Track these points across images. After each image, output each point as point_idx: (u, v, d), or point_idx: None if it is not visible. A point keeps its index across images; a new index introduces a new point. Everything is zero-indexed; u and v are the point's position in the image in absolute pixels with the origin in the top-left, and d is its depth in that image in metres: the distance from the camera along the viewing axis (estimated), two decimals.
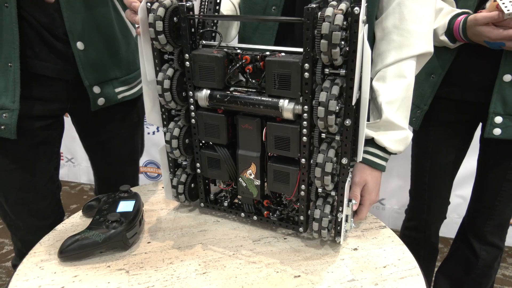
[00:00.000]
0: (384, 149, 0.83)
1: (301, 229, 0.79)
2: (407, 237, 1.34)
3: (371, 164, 0.83)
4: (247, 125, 0.75)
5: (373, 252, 0.77)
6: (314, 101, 0.65)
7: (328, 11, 0.59)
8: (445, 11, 1.01)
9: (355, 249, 0.78)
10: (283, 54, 0.70)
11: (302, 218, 0.77)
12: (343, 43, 0.60)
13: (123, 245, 0.75)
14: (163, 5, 0.69)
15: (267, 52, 0.72)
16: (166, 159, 0.86)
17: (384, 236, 0.82)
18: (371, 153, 0.83)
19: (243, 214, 0.84)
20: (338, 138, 0.68)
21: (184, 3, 0.71)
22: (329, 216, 0.72)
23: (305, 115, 0.68)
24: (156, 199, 0.96)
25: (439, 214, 1.28)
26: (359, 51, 0.61)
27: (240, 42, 0.95)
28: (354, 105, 0.65)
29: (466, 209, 1.23)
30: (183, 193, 0.85)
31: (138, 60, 1.09)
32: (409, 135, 0.83)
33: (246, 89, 0.74)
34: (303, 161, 0.72)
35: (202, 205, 0.88)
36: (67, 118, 1.09)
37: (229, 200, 0.87)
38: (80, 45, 0.94)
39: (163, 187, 1.01)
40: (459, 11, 0.99)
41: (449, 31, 0.98)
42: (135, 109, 1.15)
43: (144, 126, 2.45)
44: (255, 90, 0.74)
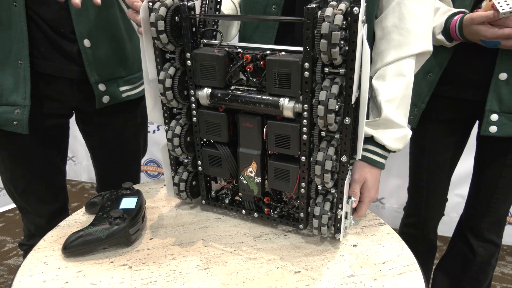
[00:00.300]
0: (383, 147, 0.84)
1: (301, 226, 0.80)
2: (406, 234, 1.35)
3: (370, 161, 0.84)
4: (248, 124, 0.76)
5: (372, 248, 0.78)
6: (314, 100, 0.65)
7: (328, 11, 0.60)
8: (442, 11, 1.02)
9: (355, 245, 0.79)
10: (283, 53, 0.70)
11: (302, 215, 0.78)
12: (342, 42, 0.61)
13: (126, 241, 0.76)
14: (165, 5, 0.70)
15: (268, 51, 0.72)
16: (168, 157, 0.87)
17: (383, 233, 0.84)
18: (371, 151, 0.84)
19: (244, 211, 0.85)
20: (337, 136, 0.69)
21: (185, 3, 0.71)
22: (329, 213, 0.73)
23: (305, 113, 0.69)
24: (158, 196, 0.97)
25: (437, 211, 1.29)
26: (358, 51, 0.62)
27: (241, 40, 0.96)
28: (353, 103, 0.66)
29: None
30: (184, 190, 0.86)
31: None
32: (408, 133, 0.84)
33: (246, 88, 0.75)
34: (303, 159, 0.73)
35: (204, 202, 0.89)
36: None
37: (230, 198, 0.88)
38: (87, 42, 0.96)
39: (164, 184, 1.02)
40: (455, 10, 1.00)
41: (446, 30, 0.99)
42: (139, 109, 1.16)
43: None
44: (255, 89, 0.75)
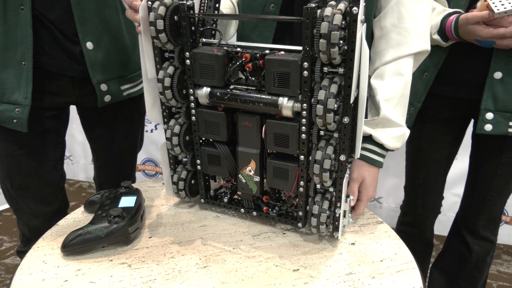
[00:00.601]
0: (381, 146, 0.84)
1: (300, 225, 0.80)
2: (403, 232, 1.36)
3: (368, 160, 0.84)
4: (247, 123, 0.76)
5: (370, 246, 0.79)
6: (313, 99, 0.66)
7: (327, 10, 0.60)
8: (437, 11, 1.03)
9: (353, 243, 0.80)
10: (282, 52, 0.71)
11: (301, 213, 0.79)
12: (341, 42, 0.61)
13: (125, 239, 0.76)
14: (164, 4, 0.70)
15: (267, 51, 0.73)
16: (167, 156, 0.87)
17: (381, 231, 0.84)
18: (369, 150, 0.85)
19: (242, 209, 0.85)
20: (336, 135, 0.70)
21: (184, 2, 0.72)
22: (328, 211, 0.73)
23: (304, 112, 0.69)
24: (157, 195, 0.97)
25: (433, 209, 1.30)
26: (357, 50, 0.63)
27: (239, 39, 0.96)
28: (352, 103, 0.67)
29: None
30: (183, 189, 0.86)
31: None
32: (406, 132, 0.85)
33: (245, 87, 0.76)
34: (302, 158, 0.73)
35: (202, 201, 0.90)
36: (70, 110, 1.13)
37: (229, 196, 0.88)
38: (89, 45, 0.98)
39: (163, 183, 1.02)
40: (450, 10, 1.01)
41: (442, 30, 1.00)
42: (138, 105, 1.19)
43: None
44: (254, 88, 0.75)
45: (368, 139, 0.85)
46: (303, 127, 0.70)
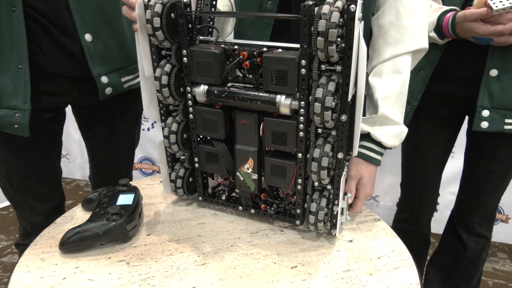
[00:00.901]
0: (379, 144, 0.84)
1: (298, 222, 0.80)
2: (399, 229, 1.36)
3: (366, 158, 0.84)
4: (245, 120, 0.76)
5: (367, 243, 0.79)
6: (310, 97, 0.66)
7: (325, 8, 0.60)
8: (433, 8, 1.03)
9: (350, 241, 0.80)
10: (280, 50, 0.71)
11: (298, 211, 0.79)
12: (339, 40, 0.61)
13: (123, 237, 0.76)
14: (161, 1, 0.69)
15: (264, 48, 0.73)
16: (165, 153, 0.87)
17: (378, 229, 0.84)
18: (367, 148, 0.85)
19: (240, 207, 0.86)
20: (334, 133, 0.70)
21: None
22: (325, 209, 0.74)
23: (302, 110, 0.69)
24: (154, 192, 0.97)
25: (430, 206, 1.31)
26: (355, 48, 0.63)
27: (236, 37, 0.96)
28: (350, 101, 0.67)
29: None
30: (181, 187, 0.86)
31: None
32: (404, 130, 0.85)
33: (243, 85, 0.76)
34: (299, 155, 0.73)
35: (200, 198, 0.90)
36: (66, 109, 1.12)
37: (226, 194, 0.88)
38: (88, 37, 0.96)
39: (161, 181, 1.02)
40: (447, 8, 1.01)
41: (438, 27, 1.00)
42: (134, 103, 1.18)
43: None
44: (252, 86, 0.75)
45: (366, 137, 0.85)
46: (301, 125, 0.70)
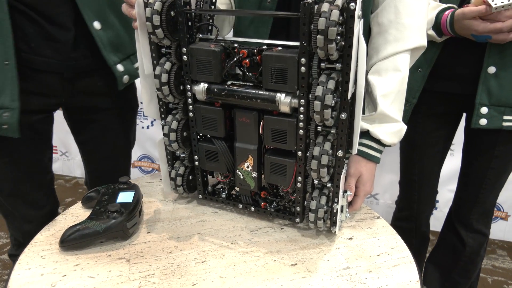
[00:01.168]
0: (379, 141, 0.85)
1: (298, 220, 0.80)
2: (398, 227, 1.37)
3: (366, 156, 0.85)
4: (244, 118, 0.76)
5: (367, 241, 0.79)
6: (310, 95, 0.66)
7: (324, 6, 0.60)
8: (431, 6, 1.03)
9: (350, 238, 0.80)
10: (279, 48, 0.71)
11: (298, 209, 0.79)
12: (339, 38, 0.61)
13: (124, 235, 0.76)
14: None
15: (264, 46, 0.73)
16: (164, 151, 0.87)
17: (378, 226, 0.85)
18: (366, 145, 0.85)
19: (240, 205, 0.86)
20: (333, 131, 0.70)
21: None
22: (325, 207, 0.74)
23: (302, 108, 0.69)
24: (154, 190, 0.97)
25: (429, 204, 1.32)
26: (354, 46, 0.63)
27: (235, 35, 0.96)
28: (349, 98, 0.67)
29: None
30: (181, 185, 0.87)
31: None
32: (403, 127, 0.85)
33: (243, 83, 0.76)
34: (299, 153, 0.73)
35: (200, 196, 0.90)
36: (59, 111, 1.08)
37: (226, 192, 0.89)
38: (97, 24, 0.93)
39: (161, 179, 1.02)
40: (445, 5, 1.01)
41: (437, 25, 1.00)
42: (129, 102, 1.15)
43: (138, 120, 2.44)
44: (252, 84, 0.75)
45: (365, 134, 0.85)
46: (301, 123, 0.71)
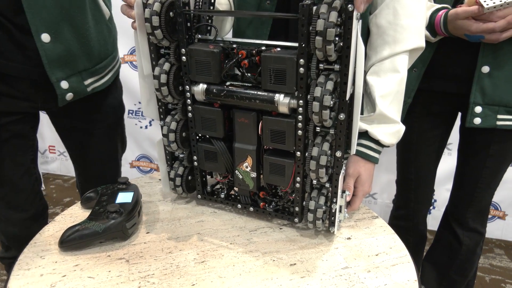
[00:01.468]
0: (377, 142, 0.85)
1: (297, 220, 0.81)
2: (396, 226, 1.38)
3: (364, 156, 0.85)
4: (243, 119, 0.77)
5: (365, 241, 0.80)
6: (309, 96, 0.66)
7: (323, 8, 0.60)
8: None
9: (349, 238, 0.81)
10: (278, 49, 0.71)
11: (297, 209, 0.80)
12: (337, 39, 0.62)
13: (123, 235, 0.76)
14: (159, 0, 0.70)
15: (263, 47, 0.73)
16: (163, 152, 0.87)
17: (376, 226, 0.85)
18: (365, 146, 0.85)
19: (239, 205, 0.86)
20: (332, 131, 0.70)
21: None
22: (324, 207, 0.74)
23: (300, 109, 0.70)
24: (153, 191, 0.98)
25: (425, 202, 1.33)
26: (353, 47, 0.63)
27: (235, 35, 0.96)
28: (348, 99, 0.67)
29: None
30: (180, 185, 0.87)
31: (110, 46, 1.02)
32: (402, 128, 0.86)
33: (242, 84, 0.76)
34: (298, 154, 0.74)
35: (199, 196, 0.90)
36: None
37: (225, 192, 0.89)
38: (45, 37, 0.84)
39: (159, 179, 1.02)
40: (438, 6, 1.02)
41: (431, 25, 1.01)
42: (112, 107, 1.11)
43: (136, 120, 2.44)
44: (251, 85, 0.75)
45: (364, 135, 0.85)
46: (299, 124, 0.71)
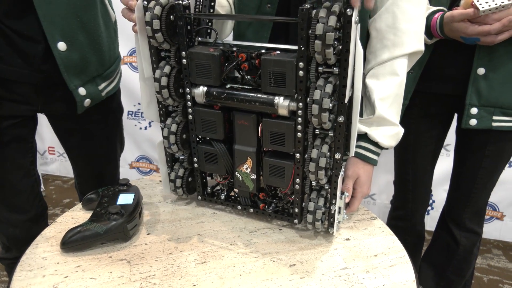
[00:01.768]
0: (376, 144, 0.86)
1: (296, 221, 0.82)
2: (394, 226, 1.38)
3: (363, 158, 0.86)
4: (243, 121, 0.77)
5: (364, 241, 0.81)
6: (308, 99, 0.67)
7: (322, 12, 0.61)
8: None
9: (348, 239, 0.81)
10: (278, 52, 0.72)
11: (296, 210, 0.80)
12: (336, 42, 0.62)
13: (124, 236, 0.77)
14: (160, 4, 0.70)
15: (263, 50, 0.74)
16: (164, 154, 0.88)
17: (375, 227, 0.86)
18: (364, 148, 0.86)
19: (239, 206, 0.87)
20: (331, 134, 0.71)
21: (180, 2, 0.72)
22: (323, 208, 0.75)
23: (300, 112, 0.70)
24: (154, 192, 0.98)
25: (423, 202, 1.34)
26: (351, 51, 0.64)
27: (235, 37, 0.97)
28: (347, 102, 0.68)
29: None
30: (180, 186, 0.87)
31: (117, 49, 1.06)
32: (401, 130, 0.86)
33: (242, 86, 0.76)
34: (297, 156, 0.74)
35: (199, 198, 0.91)
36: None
37: (225, 193, 0.90)
38: (62, 46, 0.87)
39: (160, 180, 1.03)
40: (434, 8, 1.03)
41: (427, 27, 1.02)
42: (111, 108, 1.12)
43: (136, 121, 2.44)
44: (251, 87, 0.76)
45: (363, 137, 0.86)
46: (299, 126, 0.72)
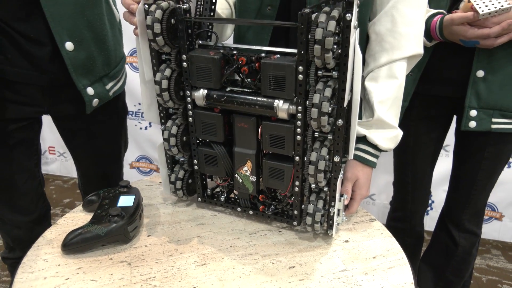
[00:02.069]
0: (375, 147, 0.86)
1: (295, 223, 0.82)
2: (393, 227, 1.39)
3: (362, 160, 0.86)
4: (243, 124, 0.78)
5: (363, 243, 0.81)
6: (307, 102, 0.68)
7: (322, 17, 0.62)
8: None
9: (347, 241, 0.82)
10: (278, 56, 0.72)
11: (296, 212, 0.81)
12: (335, 47, 0.63)
13: (125, 238, 0.78)
14: (161, 7, 0.71)
15: (263, 54, 0.74)
16: (164, 156, 0.88)
17: (374, 229, 0.86)
18: (363, 150, 0.87)
19: (239, 208, 0.87)
20: (330, 137, 0.72)
21: (181, 6, 0.73)
22: (322, 210, 0.76)
23: (299, 115, 0.71)
24: (154, 194, 0.99)
25: (422, 204, 1.34)
26: (350, 55, 0.64)
27: (236, 40, 0.97)
28: (345, 106, 0.69)
29: None
30: (181, 188, 0.88)
31: (122, 49, 1.07)
32: (400, 133, 0.87)
33: (242, 89, 0.77)
34: (297, 158, 0.75)
35: (200, 200, 0.91)
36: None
37: (225, 195, 0.90)
38: (69, 45, 0.88)
39: (160, 182, 1.03)
40: (434, 11, 1.03)
41: (426, 30, 1.02)
42: (116, 108, 1.13)
43: (136, 121, 2.44)
44: (250, 90, 0.76)
45: (362, 139, 0.87)
46: (298, 129, 0.72)
